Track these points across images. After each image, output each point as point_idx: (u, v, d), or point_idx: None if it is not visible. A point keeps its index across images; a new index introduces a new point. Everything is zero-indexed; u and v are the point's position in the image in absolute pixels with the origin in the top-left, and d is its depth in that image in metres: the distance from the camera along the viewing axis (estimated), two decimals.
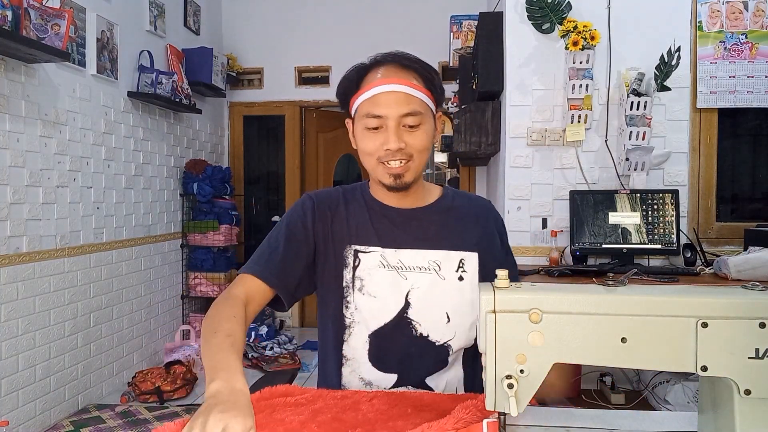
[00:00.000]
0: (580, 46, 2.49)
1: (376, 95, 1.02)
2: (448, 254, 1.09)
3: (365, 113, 1.03)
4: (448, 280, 1.08)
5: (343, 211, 1.12)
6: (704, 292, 0.73)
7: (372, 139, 1.03)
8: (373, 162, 1.05)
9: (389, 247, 1.09)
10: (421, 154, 1.05)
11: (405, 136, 1.02)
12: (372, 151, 1.04)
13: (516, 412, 0.73)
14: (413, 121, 1.02)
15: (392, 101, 1.01)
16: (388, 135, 1.01)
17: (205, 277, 3.87)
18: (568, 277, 2.25)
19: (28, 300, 2.49)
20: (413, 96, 1.02)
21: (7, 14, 2.14)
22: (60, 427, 2.62)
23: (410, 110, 1.01)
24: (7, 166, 2.37)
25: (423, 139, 1.04)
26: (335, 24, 4.39)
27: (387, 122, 1.01)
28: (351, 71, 1.09)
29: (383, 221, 1.11)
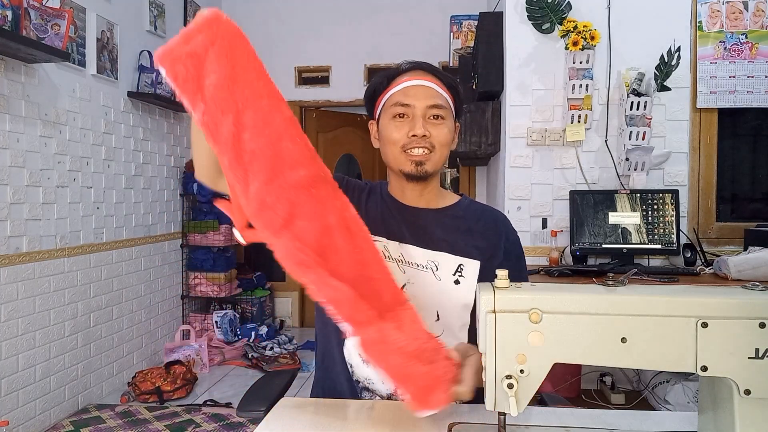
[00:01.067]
0: (580, 46, 2.49)
1: (406, 87, 1.09)
2: (448, 257, 1.11)
3: (393, 103, 1.09)
4: (444, 281, 1.10)
5: (364, 199, 1.18)
6: (704, 292, 0.73)
7: (398, 128, 1.08)
8: (396, 151, 1.09)
9: (394, 240, 1.12)
10: (442, 148, 1.10)
11: (429, 127, 1.08)
12: (397, 140, 1.09)
13: (516, 412, 0.73)
14: (438, 113, 1.08)
15: (420, 93, 1.08)
16: (415, 122, 1.07)
17: (205, 277, 3.87)
18: (568, 277, 2.25)
19: (28, 300, 2.49)
20: (439, 93, 1.09)
21: (7, 14, 2.15)
22: (60, 427, 2.62)
23: (436, 103, 1.08)
24: (7, 166, 2.37)
25: (445, 133, 1.09)
26: (335, 24, 4.38)
27: (414, 111, 1.07)
28: (379, 76, 1.15)
29: (394, 215, 1.15)
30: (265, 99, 0.87)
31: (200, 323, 3.89)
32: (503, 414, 0.78)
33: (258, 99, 0.86)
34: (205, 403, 2.93)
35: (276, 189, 0.84)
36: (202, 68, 0.82)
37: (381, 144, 1.15)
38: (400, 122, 1.09)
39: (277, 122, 0.86)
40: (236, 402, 2.48)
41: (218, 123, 0.83)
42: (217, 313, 3.89)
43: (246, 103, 0.84)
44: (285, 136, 0.86)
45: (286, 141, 0.86)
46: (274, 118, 0.86)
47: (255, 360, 3.58)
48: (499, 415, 0.79)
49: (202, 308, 4.07)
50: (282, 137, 0.86)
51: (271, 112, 0.86)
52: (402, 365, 0.81)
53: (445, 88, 1.11)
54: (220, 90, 0.82)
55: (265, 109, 0.86)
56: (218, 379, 3.35)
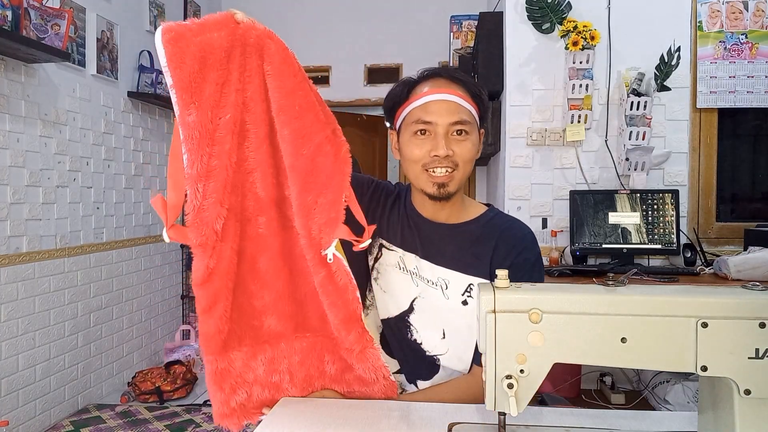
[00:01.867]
0: (580, 46, 2.49)
1: (426, 103, 1.03)
2: (459, 276, 1.07)
3: (414, 119, 1.03)
4: (452, 300, 1.07)
5: (389, 209, 1.16)
6: (704, 292, 0.73)
7: (419, 146, 1.03)
8: (417, 170, 1.05)
9: (410, 253, 1.11)
10: (466, 165, 1.05)
11: (452, 144, 1.02)
12: (418, 158, 1.04)
13: (516, 412, 0.73)
14: (462, 128, 1.03)
15: (443, 109, 1.02)
16: (437, 141, 1.01)
17: None
18: (568, 277, 2.25)
19: (28, 300, 2.49)
20: (462, 106, 1.03)
21: (7, 14, 2.15)
22: (60, 427, 2.62)
23: (459, 119, 1.02)
24: (7, 166, 2.37)
25: (470, 150, 1.04)
26: (335, 24, 4.38)
27: (436, 129, 1.02)
28: (398, 85, 1.09)
29: (412, 228, 1.13)
30: (308, 114, 0.89)
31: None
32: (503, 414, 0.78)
33: (301, 113, 0.88)
34: (205, 403, 2.93)
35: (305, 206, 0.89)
36: (209, 68, 0.82)
37: (402, 160, 1.09)
38: (421, 140, 1.03)
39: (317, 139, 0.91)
40: None
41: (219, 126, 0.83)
42: None
43: (290, 116, 0.86)
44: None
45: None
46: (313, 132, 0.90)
47: None
48: (499, 415, 0.79)
49: None
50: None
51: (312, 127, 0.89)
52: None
53: (469, 98, 1.04)
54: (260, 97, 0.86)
55: (307, 125, 0.88)
56: None
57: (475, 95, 1.06)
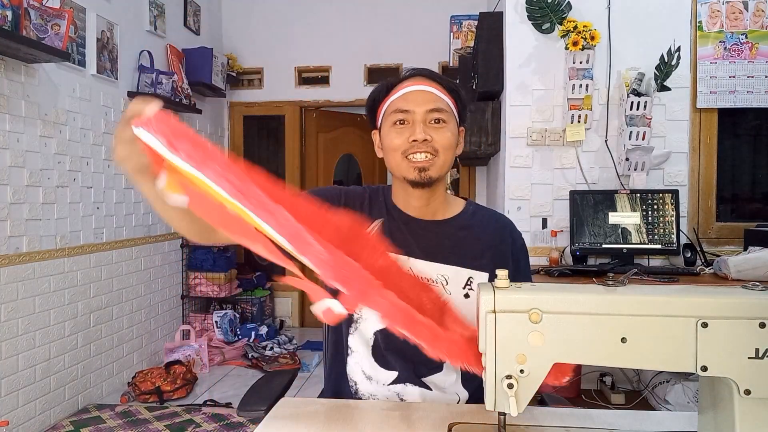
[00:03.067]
0: (580, 46, 2.49)
1: (404, 93, 1.08)
2: (458, 271, 1.10)
3: (393, 110, 1.08)
4: (454, 295, 1.09)
5: (367, 209, 1.15)
6: (704, 292, 0.73)
7: (399, 133, 1.07)
8: (398, 158, 1.08)
9: (402, 255, 1.10)
10: (446, 152, 1.07)
11: (430, 131, 1.06)
12: (398, 146, 1.07)
13: (516, 412, 0.73)
14: (439, 116, 1.06)
15: (420, 98, 1.06)
16: (415, 127, 1.05)
17: (205, 277, 3.87)
18: (568, 277, 2.25)
19: (28, 300, 2.49)
20: (439, 97, 1.08)
21: (7, 14, 2.14)
22: (60, 427, 2.62)
23: (436, 107, 1.06)
24: (7, 166, 2.37)
25: (448, 137, 1.07)
26: (335, 24, 4.38)
27: (414, 116, 1.06)
28: (378, 85, 1.14)
29: (400, 228, 1.13)
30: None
31: (200, 323, 3.88)
32: (503, 414, 0.78)
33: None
34: (205, 403, 2.93)
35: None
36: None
37: (384, 152, 1.13)
38: (400, 128, 1.07)
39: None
40: (236, 402, 2.48)
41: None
42: (217, 313, 3.89)
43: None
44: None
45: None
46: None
47: (255, 360, 3.58)
48: (499, 415, 0.79)
49: (202, 308, 4.06)
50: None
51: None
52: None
53: (447, 93, 1.09)
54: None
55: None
56: (218, 379, 3.35)
57: (451, 90, 1.10)
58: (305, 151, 4.66)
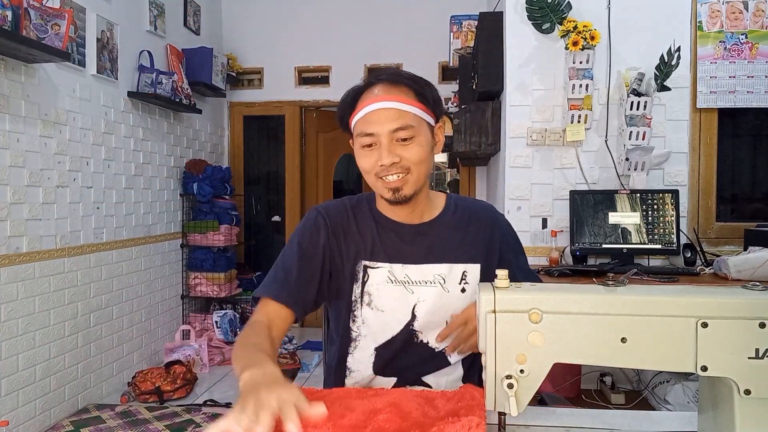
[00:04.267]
0: (580, 46, 2.49)
1: (367, 114, 1.03)
2: (452, 267, 1.11)
3: (359, 132, 1.05)
4: (452, 292, 1.10)
5: (354, 226, 1.13)
6: (704, 292, 0.73)
7: (368, 157, 1.05)
8: (372, 178, 1.07)
9: (397, 263, 1.10)
10: (419, 167, 1.04)
11: (399, 150, 1.02)
12: (369, 169, 1.05)
13: (516, 412, 0.73)
14: (405, 134, 1.02)
15: (383, 118, 1.02)
16: (381, 151, 1.02)
17: (205, 277, 3.86)
18: (568, 277, 2.25)
19: (28, 300, 2.49)
20: (404, 111, 1.02)
21: (7, 14, 2.14)
22: (60, 427, 2.62)
23: (401, 125, 1.02)
24: (7, 166, 2.37)
25: (417, 152, 1.03)
26: (335, 24, 4.38)
27: (380, 139, 1.02)
28: (347, 93, 1.10)
29: (391, 236, 1.12)
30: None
31: (200, 323, 3.88)
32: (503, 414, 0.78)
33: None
34: (205, 403, 2.93)
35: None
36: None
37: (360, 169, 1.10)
38: (368, 152, 1.04)
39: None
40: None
41: None
42: (217, 313, 3.88)
43: None
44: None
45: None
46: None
47: None
48: (499, 415, 0.79)
49: (202, 308, 4.06)
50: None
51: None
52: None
53: (412, 98, 1.04)
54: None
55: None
56: (218, 379, 3.35)
57: (418, 93, 1.05)
58: (305, 151, 4.66)
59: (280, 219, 4.70)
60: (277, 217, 4.74)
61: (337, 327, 1.16)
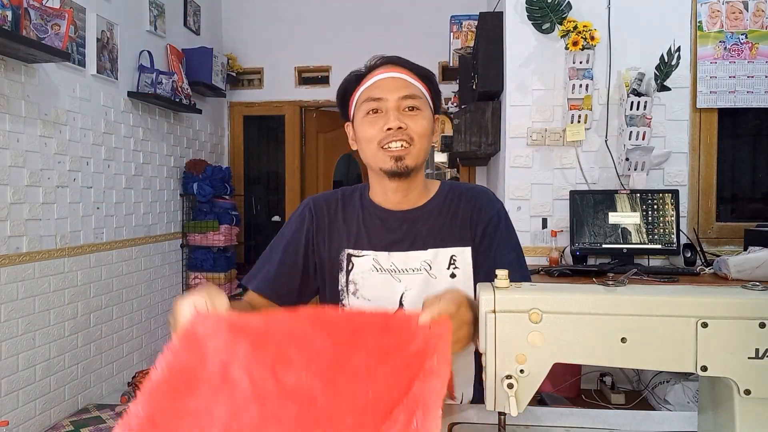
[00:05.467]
0: (580, 46, 2.49)
1: (376, 81, 1.05)
2: (438, 252, 1.08)
3: (365, 98, 1.05)
4: (440, 278, 1.07)
5: (341, 215, 1.13)
6: (704, 292, 0.73)
7: (372, 123, 1.04)
8: (373, 149, 1.05)
9: (382, 251, 1.09)
10: (422, 139, 1.04)
11: (405, 118, 1.03)
12: (372, 136, 1.04)
13: (516, 412, 0.73)
14: (413, 103, 1.04)
15: (391, 85, 1.04)
16: (389, 115, 1.02)
17: (205, 277, 3.87)
18: (568, 277, 2.25)
19: (28, 300, 2.49)
20: (412, 83, 1.05)
21: (7, 14, 2.14)
22: (60, 427, 2.62)
23: (409, 93, 1.04)
24: (7, 166, 2.36)
25: (423, 124, 1.04)
26: (335, 24, 4.38)
27: (387, 104, 1.03)
28: (350, 75, 1.11)
29: (376, 224, 1.11)
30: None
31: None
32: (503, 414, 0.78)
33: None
34: None
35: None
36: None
37: (358, 144, 1.10)
38: (373, 117, 1.04)
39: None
40: None
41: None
42: None
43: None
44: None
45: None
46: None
47: None
48: (499, 415, 0.79)
49: None
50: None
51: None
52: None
53: (419, 80, 1.07)
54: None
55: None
56: None
57: (423, 76, 1.08)
58: (305, 151, 4.66)
59: (280, 219, 4.70)
60: (277, 218, 4.74)
61: None
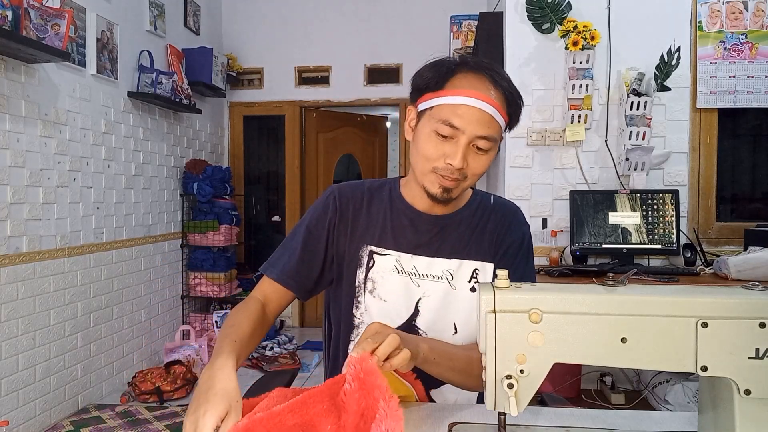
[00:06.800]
0: (580, 46, 2.49)
1: (460, 105, 0.95)
2: (462, 264, 1.06)
3: (442, 118, 0.95)
4: (460, 290, 1.05)
5: (366, 209, 1.10)
6: (704, 292, 0.73)
7: (437, 147, 0.96)
8: (426, 167, 0.99)
9: (405, 252, 1.06)
10: (474, 177, 1.01)
11: (470, 157, 0.97)
12: (432, 158, 0.97)
13: (516, 412, 0.73)
14: (485, 145, 0.97)
15: (474, 118, 0.94)
16: (456, 150, 0.95)
17: (205, 277, 3.87)
18: (568, 277, 2.25)
19: (28, 300, 2.49)
20: (495, 120, 0.96)
21: (7, 14, 2.14)
22: (60, 427, 2.62)
23: (487, 134, 0.96)
24: (7, 166, 2.36)
25: (485, 165, 1.00)
26: (335, 24, 4.38)
27: (460, 136, 0.95)
28: (433, 67, 1.00)
29: (404, 224, 1.08)
30: None
31: (200, 323, 3.88)
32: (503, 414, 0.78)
33: None
34: None
35: None
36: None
37: (413, 147, 1.03)
38: (441, 141, 0.96)
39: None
40: None
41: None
42: (217, 313, 3.88)
43: None
44: None
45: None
46: None
47: (255, 360, 3.58)
48: (499, 415, 0.79)
49: (202, 308, 4.06)
50: None
51: None
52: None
53: (504, 109, 0.98)
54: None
55: None
56: None
57: (510, 104, 1.00)
58: (305, 151, 4.66)
59: (280, 219, 4.70)
60: (277, 217, 4.74)
61: (339, 313, 1.11)
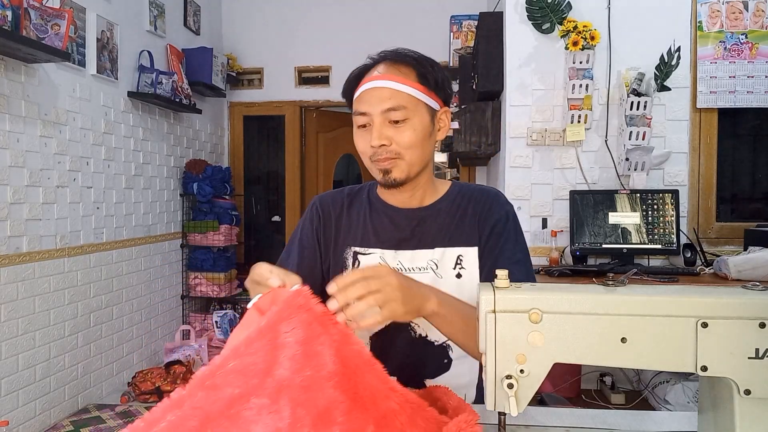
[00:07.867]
0: (580, 46, 2.49)
1: (362, 93, 1.02)
2: (446, 251, 1.07)
3: (355, 111, 1.04)
4: (446, 278, 1.06)
5: (346, 213, 1.13)
6: (704, 292, 0.73)
7: (362, 138, 1.03)
8: (367, 161, 1.05)
9: (389, 249, 1.08)
10: (411, 151, 1.01)
11: (390, 132, 1.00)
12: (363, 150, 1.04)
13: (516, 412, 0.73)
14: (397, 116, 0.99)
15: (374, 98, 1.00)
16: (371, 132, 1.00)
17: (205, 277, 3.87)
18: (568, 277, 2.25)
19: (28, 300, 2.49)
20: (399, 90, 1.00)
21: (7, 14, 2.14)
22: (60, 427, 2.62)
23: (393, 105, 0.99)
24: (7, 166, 2.36)
25: (409, 135, 1.00)
26: (335, 24, 4.38)
27: (372, 119, 1.01)
28: (353, 72, 1.09)
29: (384, 221, 1.10)
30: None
31: (200, 323, 3.88)
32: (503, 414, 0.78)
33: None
34: None
35: None
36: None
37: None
38: (363, 131, 1.03)
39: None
40: None
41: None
42: (217, 313, 3.88)
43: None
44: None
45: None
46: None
47: None
48: (499, 415, 0.79)
49: (202, 308, 4.06)
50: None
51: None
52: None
53: (412, 79, 1.01)
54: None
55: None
56: None
57: (420, 74, 1.02)
58: (305, 151, 4.66)
59: (280, 219, 4.70)
60: (277, 217, 4.74)
61: None
